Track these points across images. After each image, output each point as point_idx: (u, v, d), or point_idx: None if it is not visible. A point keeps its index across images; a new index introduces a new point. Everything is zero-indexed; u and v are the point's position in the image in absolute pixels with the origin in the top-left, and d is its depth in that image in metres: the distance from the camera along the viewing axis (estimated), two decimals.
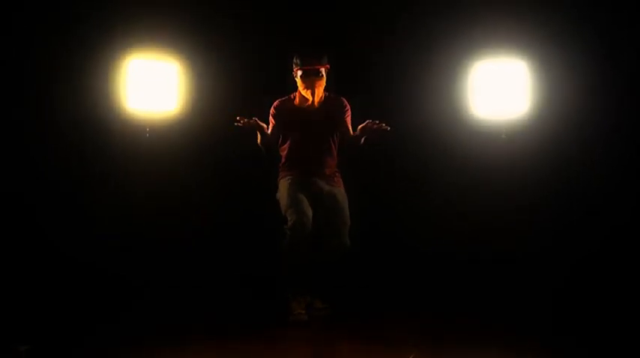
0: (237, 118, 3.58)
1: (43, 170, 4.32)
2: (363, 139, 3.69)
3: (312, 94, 3.67)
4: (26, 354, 2.99)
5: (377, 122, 3.57)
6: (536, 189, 4.39)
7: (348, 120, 3.80)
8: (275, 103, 3.80)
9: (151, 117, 4.24)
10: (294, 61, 3.67)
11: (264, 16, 4.51)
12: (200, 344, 3.29)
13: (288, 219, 3.60)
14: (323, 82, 3.69)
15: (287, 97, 3.80)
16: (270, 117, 3.79)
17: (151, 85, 4.19)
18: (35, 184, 4.30)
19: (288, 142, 3.79)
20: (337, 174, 3.83)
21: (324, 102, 3.75)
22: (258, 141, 3.74)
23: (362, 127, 3.64)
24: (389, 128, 3.57)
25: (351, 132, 3.78)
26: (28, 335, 3.25)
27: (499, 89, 4.18)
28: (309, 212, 3.63)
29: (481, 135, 4.31)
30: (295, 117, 3.74)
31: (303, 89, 3.68)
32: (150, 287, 4.26)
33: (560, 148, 4.34)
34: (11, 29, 4.22)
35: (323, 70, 3.65)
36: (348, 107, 3.79)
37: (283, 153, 3.82)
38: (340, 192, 3.77)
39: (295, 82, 3.72)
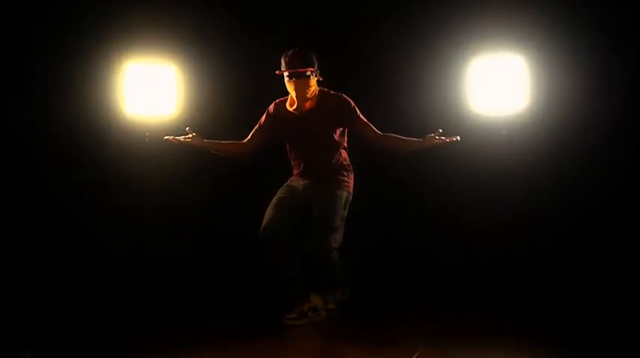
0: (165, 137, 3.56)
1: (41, 174, 4.32)
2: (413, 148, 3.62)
3: (299, 98, 3.56)
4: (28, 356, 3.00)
5: (453, 138, 3.55)
6: (537, 186, 4.37)
7: (361, 117, 3.66)
8: (271, 106, 3.73)
9: (151, 122, 4.23)
10: (281, 63, 3.57)
11: (264, 17, 4.50)
12: (200, 344, 3.29)
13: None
14: (311, 84, 3.55)
15: (284, 99, 3.70)
16: (265, 115, 3.71)
17: (150, 89, 4.16)
18: (34, 188, 4.31)
19: (289, 147, 3.74)
20: (341, 173, 3.70)
21: (321, 101, 3.63)
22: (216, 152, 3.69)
23: (426, 143, 3.57)
24: (459, 138, 3.56)
25: (373, 127, 3.66)
26: (29, 336, 3.28)
27: (498, 85, 4.15)
28: (282, 217, 3.56)
29: (480, 132, 4.29)
30: (289, 121, 3.65)
31: (292, 92, 3.58)
32: (150, 287, 4.26)
33: (561, 145, 4.32)
34: (9, 33, 4.22)
35: (308, 72, 3.53)
36: (353, 104, 3.66)
37: (289, 157, 3.77)
38: (333, 194, 3.63)
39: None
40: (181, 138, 3.58)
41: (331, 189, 3.66)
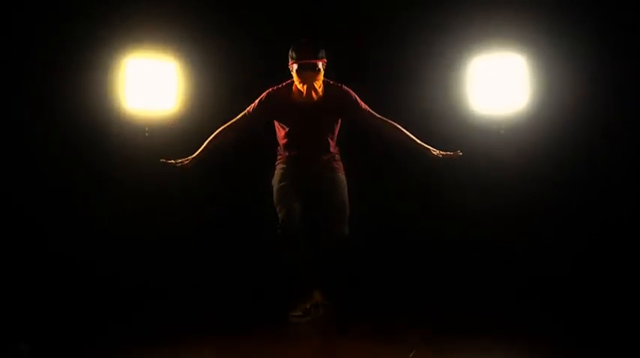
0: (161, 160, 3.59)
1: (41, 170, 4.32)
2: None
3: (309, 89, 3.51)
4: (27, 354, 2.99)
5: (452, 153, 3.58)
6: (535, 183, 4.38)
7: (364, 104, 3.66)
8: (268, 92, 3.66)
9: (150, 117, 4.24)
10: (290, 54, 3.53)
11: (263, 13, 4.50)
12: (200, 344, 3.28)
13: (278, 216, 3.56)
14: (320, 77, 3.55)
15: (283, 86, 3.66)
16: (256, 103, 3.65)
17: (150, 85, 4.18)
18: (33, 184, 4.30)
19: (284, 132, 3.67)
20: (336, 157, 3.71)
21: (324, 91, 3.60)
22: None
23: (439, 158, 3.59)
24: (461, 153, 3.57)
25: (376, 114, 3.66)
26: (30, 335, 3.24)
27: (497, 83, 4.18)
28: (298, 207, 3.56)
29: (479, 130, 4.30)
30: (292, 109, 3.60)
31: (300, 83, 3.54)
32: (149, 287, 4.24)
33: (559, 143, 4.33)
34: (9, 29, 4.23)
35: (320, 64, 3.52)
36: (354, 95, 3.66)
37: (280, 142, 3.72)
38: (338, 178, 3.66)
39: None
40: (175, 161, 3.62)
41: (334, 174, 3.66)
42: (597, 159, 4.30)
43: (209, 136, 3.69)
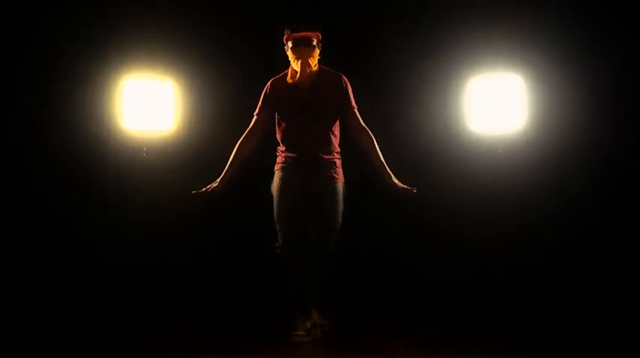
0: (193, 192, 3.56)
1: (39, 190, 4.31)
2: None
3: (304, 65, 3.48)
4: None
5: (409, 188, 3.52)
6: (533, 203, 4.39)
7: (352, 100, 3.59)
8: (266, 86, 3.63)
9: (148, 137, 4.25)
10: (285, 33, 3.54)
11: (261, 33, 4.53)
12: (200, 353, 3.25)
13: (278, 234, 3.53)
14: (315, 54, 3.52)
15: (280, 76, 3.63)
16: (260, 102, 3.63)
17: (148, 104, 4.20)
18: (32, 204, 4.29)
19: (283, 124, 3.60)
20: (336, 161, 3.60)
21: (321, 77, 3.56)
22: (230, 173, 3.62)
23: (393, 187, 3.53)
24: (415, 191, 3.52)
25: (359, 117, 3.59)
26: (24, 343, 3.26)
27: (495, 104, 4.22)
28: (299, 226, 3.51)
29: (477, 150, 4.33)
30: (288, 95, 3.54)
31: (295, 61, 3.51)
32: (148, 299, 4.22)
33: (558, 162, 4.35)
34: (5, 48, 4.25)
35: (315, 40, 3.51)
36: (349, 85, 3.60)
37: (279, 137, 3.64)
38: (335, 189, 3.56)
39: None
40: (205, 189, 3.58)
41: (333, 185, 3.57)
42: (597, 178, 4.30)
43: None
